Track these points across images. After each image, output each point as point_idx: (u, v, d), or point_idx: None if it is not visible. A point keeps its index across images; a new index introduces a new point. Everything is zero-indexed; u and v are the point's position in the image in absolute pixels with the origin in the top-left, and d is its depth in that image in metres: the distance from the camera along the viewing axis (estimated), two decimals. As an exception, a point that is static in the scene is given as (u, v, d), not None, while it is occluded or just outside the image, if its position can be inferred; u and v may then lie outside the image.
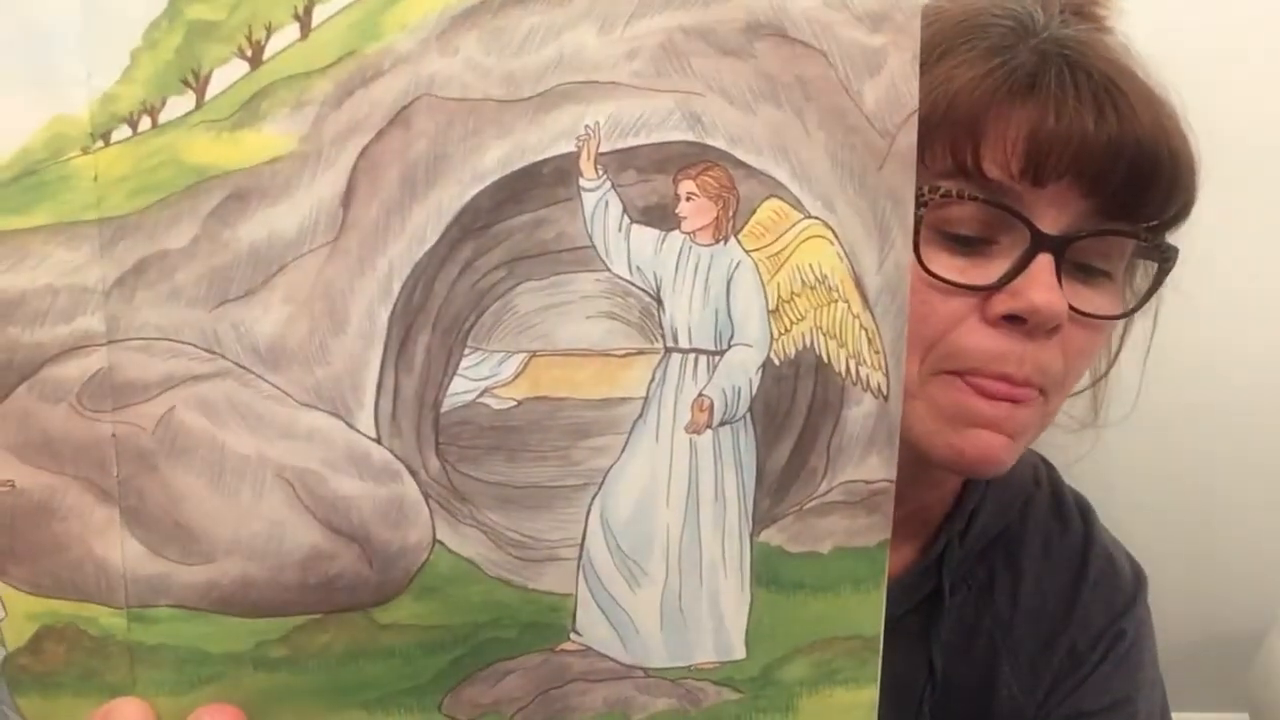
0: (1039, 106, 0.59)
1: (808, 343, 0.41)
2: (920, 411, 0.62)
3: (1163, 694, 0.79)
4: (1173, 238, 0.66)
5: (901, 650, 0.72)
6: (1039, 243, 0.59)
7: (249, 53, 0.37)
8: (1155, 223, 0.63)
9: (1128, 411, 0.81)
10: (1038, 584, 0.77)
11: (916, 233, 0.61)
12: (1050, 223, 0.60)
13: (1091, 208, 0.60)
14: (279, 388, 0.38)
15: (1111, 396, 0.77)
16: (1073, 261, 0.61)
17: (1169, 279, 0.66)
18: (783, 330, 0.41)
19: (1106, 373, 0.75)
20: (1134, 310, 0.67)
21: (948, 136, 0.60)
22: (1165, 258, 0.65)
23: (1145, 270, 0.68)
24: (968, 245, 0.61)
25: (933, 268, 0.60)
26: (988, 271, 0.60)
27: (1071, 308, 0.60)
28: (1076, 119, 0.59)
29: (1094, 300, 0.62)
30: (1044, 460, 0.84)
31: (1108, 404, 0.78)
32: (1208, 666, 1.44)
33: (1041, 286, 0.58)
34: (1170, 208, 0.63)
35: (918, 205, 0.60)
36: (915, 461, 0.63)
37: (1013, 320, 0.59)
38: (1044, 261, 0.59)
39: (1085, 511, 0.82)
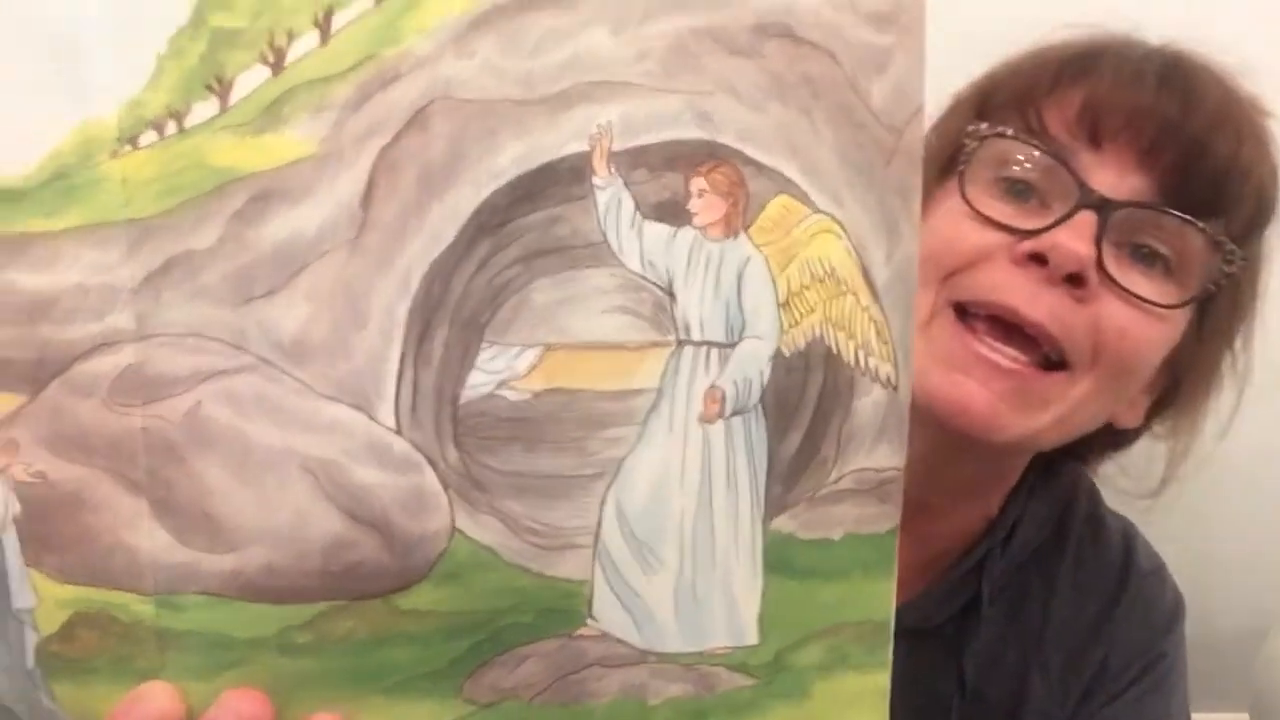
0: (1106, 71, 0.60)
1: (817, 334, 0.42)
2: (917, 349, 0.62)
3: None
4: None
5: (933, 660, 0.73)
6: (1085, 198, 0.59)
7: (271, 59, 0.37)
8: (1211, 219, 0.62)
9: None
10: (1071, 596, 0.76)
11: (963, 173, 0.62)
12: (1106, 187, 0.60)
13: (1147, 185, 0.60)
14: (303, 382, 0.38)
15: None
16: (1132, 242, 0.61)
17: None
18: (793, 323, 0.41)
19: (1186, 450, 0.75)
20: (1183, 304, 0.64)
21: (1015, 93, 0.62)
22: (1227, 259, 0.63)
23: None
24: (1020, 195, 0.61)
25: (978, 203, 0.61)
26: (1032, 223, 0.60)
27: (1115, 281, 0.60)
28: (1136, 84, 0.60)
29: (1142, 284, 0.62)
30: (1084, 473, 0.82)
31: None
32: (1208, 666, 1.43)
33: (1072, 232, 0.58)
34: (1221, 206, 0.62)
35: (974, 140, 0.62)
36: (960, 474, 0.64)
37: (1037, 261, 0.59)
38: (1085, 216, 0.59)
39: (1126, 528, 0.81)
